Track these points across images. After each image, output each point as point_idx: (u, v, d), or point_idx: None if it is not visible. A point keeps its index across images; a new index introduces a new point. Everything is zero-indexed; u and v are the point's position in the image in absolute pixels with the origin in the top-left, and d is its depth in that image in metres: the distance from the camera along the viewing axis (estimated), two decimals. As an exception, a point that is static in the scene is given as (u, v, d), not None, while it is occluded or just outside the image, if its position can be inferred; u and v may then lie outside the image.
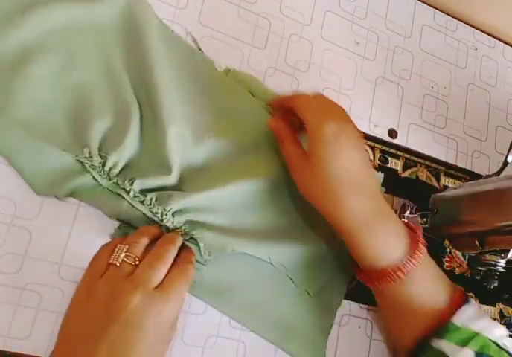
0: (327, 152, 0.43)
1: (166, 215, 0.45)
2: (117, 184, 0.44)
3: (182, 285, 0.40)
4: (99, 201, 0.45)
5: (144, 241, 0.41)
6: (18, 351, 0.40)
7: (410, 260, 0.43)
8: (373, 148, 0.58)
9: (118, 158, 0.45)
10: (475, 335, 0.43)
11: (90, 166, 0.44)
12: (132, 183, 0.44)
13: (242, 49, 0.55)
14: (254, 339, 0.48)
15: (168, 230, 0.45)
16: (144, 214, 0.45)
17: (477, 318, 0.45)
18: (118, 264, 0.39)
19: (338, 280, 0.52)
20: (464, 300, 0.46)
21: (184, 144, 0.47)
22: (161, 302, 0.38)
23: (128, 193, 0.44)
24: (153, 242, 0.42)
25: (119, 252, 0.40)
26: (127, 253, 0.39)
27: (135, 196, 0.44)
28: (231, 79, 0.52)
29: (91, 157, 0.44)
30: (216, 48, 0.53)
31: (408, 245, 0.44)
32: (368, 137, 0.58)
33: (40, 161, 0.43)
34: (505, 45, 0.72)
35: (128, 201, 0.44)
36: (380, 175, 0.56)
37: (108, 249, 0.41)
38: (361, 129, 0.58)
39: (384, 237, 0.44)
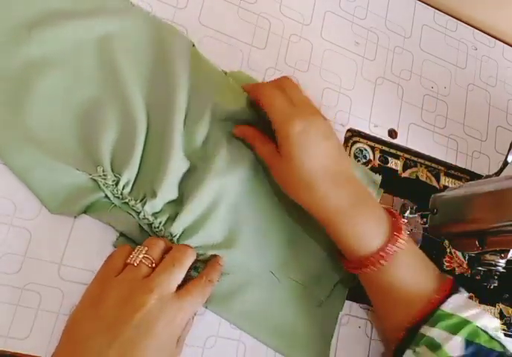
0: (296, 150, 0.43)
1: (171, 241, 0.45)
2: (128, 203, 0.45)
3: (199, 299, 0.41)
4: (109, 218, 0.44)
5: (162, 245, 0.42)
6: (18, 351, 0.40)
7: (391, 246, 0.43)
8: (373, 148, 0.58)
9: (130, 176, 0.45)
10: (465, 323, 0.43)
11: (104, 185, 0.44)
12: (144, 204, 0.45)
13: (242, 49, 0.55)
14: (254, 339, 0.48)
15: None
16: (150, 235, 0.45)
17: (467, 307, 0.44)
18: (136, 264, 0.39)
19: (338, 284, 0.52)
20: (454, 289, 0.46)
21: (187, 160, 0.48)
22: (174, 309, 0.38)
23: (138, 213, 0.45)
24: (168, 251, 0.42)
25: (138, 253, 0.40)
26: (146, 255, 0.40)
27: (144, 218, 0.45)
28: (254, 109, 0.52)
29: (105, 175, 0.44)
30: (216, 48, 0.53)
31: (389, 231, 0.44)
32: (368, 137, 0.58)
33: (54, 180, 0.43)
34: (505, 45, 0.72)
35: (137, 221, 0.45)
36: (378, 177, 0.56)
37: (125, 250, 0.41)
38: (361, 129, 0.58)
39: (364, 225, 0.44)
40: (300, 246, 0.51)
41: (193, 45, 0.52)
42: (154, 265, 0.40)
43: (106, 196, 0.45)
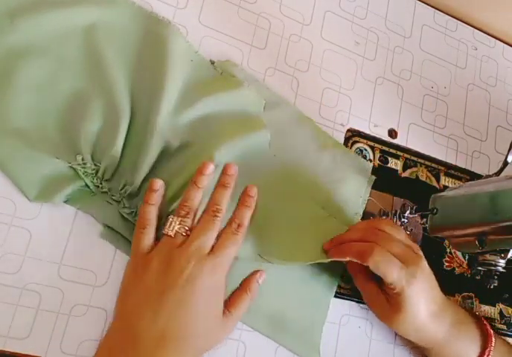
0: (409, 307, 0.46)
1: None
2: (107, 193, 0.45)
3: (232, 249, 0.44)
4: (90, 208, 0.44)
5: (194, 212, 0.44)
6: (18, 351, 0.40)
7: (487, 355, 0.49)
8: (373, 148, 0.58)
9: (110, 165, 0.45)
10: None
11: (83, 173, 0.44)
12: (124, 193, 0.45)
13: (242, 49, 0.55)
14: (254, 339, 0.48)
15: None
16: (133, 224, 0.45)
17: None
18: (173, 235, 0.42)
19: (329, 271, 0.52)
20: None
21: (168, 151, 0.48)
22: (211, 266, 0.42)
23: (118, 203, 0.45)
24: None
25: (173, 224, 0.43)
26: (180, 225, 0.43)
27: (125, 207, 0.45)
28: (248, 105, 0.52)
29: (84, 164, 0.44)
30: (216, 48, 0.53)
31: (481, 345, 0.49)
32: (368, 137, 0.58)
33: (33, 169, 0.43)
34: (505, 45, 0.72)
35: (118, 211, 0.45)
36: (369, 164, 0.56)
37: (147, 225, 0.43)
38: (361, 129, 0.58)
39: (461, 345, 0.49)
40: (287, 232, 0.50)
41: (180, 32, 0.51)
42: (189, 232, 0.43)
43: (87, 185, 0.44)
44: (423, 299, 0.46)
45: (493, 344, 0.49)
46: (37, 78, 0.45)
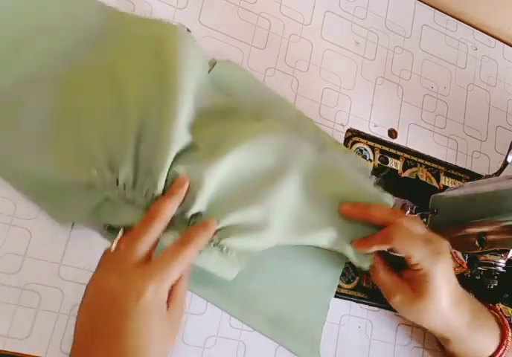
0: (437, 291, 0.45)
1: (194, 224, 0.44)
2: (132, 202, 0.43)
3: (173, 265, 0.39)
4: (116, 220, 0.44)
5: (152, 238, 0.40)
6: (18, 351, 0.40)
7: (504, 349, 0.48)
8: (373, 148, 0.58)
9: (128, 174, 0.43)
10: None
11: (104, 187, 0.43)
12: (151, 197, 0.43)
13: (242, 49, 0.55)
14: (254, 339, 0.48)
15: None
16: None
17: None
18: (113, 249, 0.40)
19: (329, 271, 0.52)
20: None
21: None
22: (139, 279, 0.37)
23: (146, 209, 0.43)
24: None
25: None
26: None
27: None
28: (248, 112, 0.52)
29: (103, 177, 0.43)
30: (216, 48, 0.53)
31: (499, 338, 0.49)
32: (368, 137, 0.58)
33: (57, 193, 0.43)
34: (505, 45, 0.72)
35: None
36: (369, 164, 0.56)
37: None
38: (361, 129, 0.58)
39: (479, 338, 0.48)
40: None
41: (188, 30, 0.51)
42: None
43: (110, 199, 0.44)
44: (447, 281, 0.45)
45: (510, 334, 0.49)
46: (46, 104, 0.45)
